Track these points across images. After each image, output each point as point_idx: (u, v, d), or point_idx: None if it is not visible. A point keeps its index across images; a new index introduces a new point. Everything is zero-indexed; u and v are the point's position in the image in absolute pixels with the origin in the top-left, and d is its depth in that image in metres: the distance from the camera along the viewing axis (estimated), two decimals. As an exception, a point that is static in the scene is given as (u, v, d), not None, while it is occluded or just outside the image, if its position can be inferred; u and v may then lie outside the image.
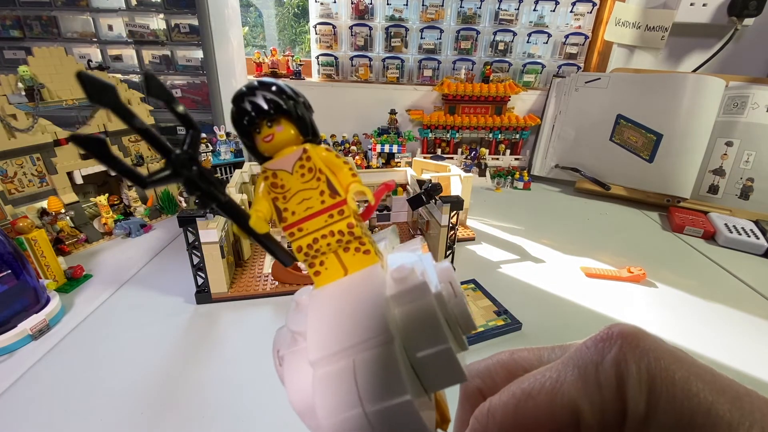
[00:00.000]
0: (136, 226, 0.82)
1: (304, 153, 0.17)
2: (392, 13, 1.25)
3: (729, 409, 0.10)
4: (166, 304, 0.61)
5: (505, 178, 1.22)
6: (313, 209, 0.17)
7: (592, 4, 1.23)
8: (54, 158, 0.75)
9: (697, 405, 0.11)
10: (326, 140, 1.30)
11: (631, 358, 0.12)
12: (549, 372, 0.13)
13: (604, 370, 0.12)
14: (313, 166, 0.17)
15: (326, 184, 0.17)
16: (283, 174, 0.17)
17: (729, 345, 0.57)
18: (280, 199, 0.17)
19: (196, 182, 0.14)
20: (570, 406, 0.12)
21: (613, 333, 0.13)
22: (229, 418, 0.43)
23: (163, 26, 1.08)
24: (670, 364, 0.12)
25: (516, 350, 0.16)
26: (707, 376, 0.11)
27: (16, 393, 0.45)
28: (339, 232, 0.16)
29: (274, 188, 0.17)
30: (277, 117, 0.17)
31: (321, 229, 0.17)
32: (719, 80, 1.00)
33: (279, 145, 0.17)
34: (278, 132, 0.17)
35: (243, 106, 0.16)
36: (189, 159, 0.14)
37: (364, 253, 0.17)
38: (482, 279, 0.68)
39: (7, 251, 0.52)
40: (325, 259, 0.17)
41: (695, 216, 0.98)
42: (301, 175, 0.17)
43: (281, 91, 0.17)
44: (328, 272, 0.17)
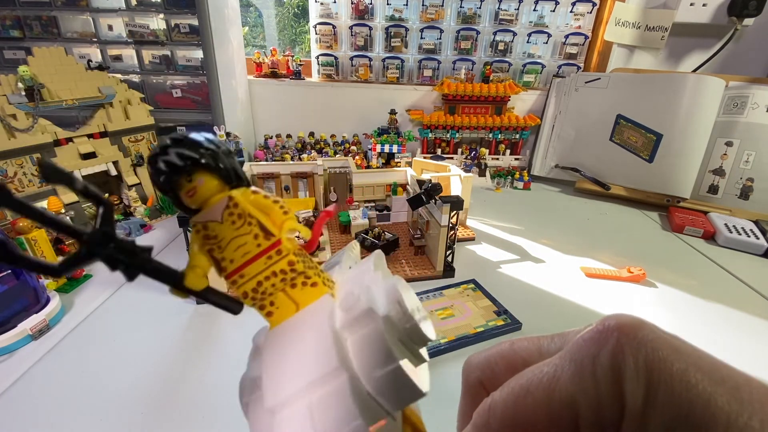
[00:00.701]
0: (136, 226, 0.82)
1: (230, 200, 0.17)
2: (392, 13, 1.25)
3: (728, 401, 0.10)
4: (166, 304, 0.61)
5: (505, 178, 1.22)
6: (250, 254, 0.16)
7: (592, 4, 1.23)
8: (54, 158, 0.75)
9: (695, 396, 0.11)
10: (326, 140, 1.30)
11: (628, 351, 0.12)
12: (547, 367, 0.13)
13: (600, 364, 0.12)
14: (242, 212, 0.17)
15: (258, 226, 0.16)
16: (213, 225, 0.17)
17: (729, 345, 0.57)
18: (216, 249, 0.17)
19: (116, 258, 0.14)
20: (567, 402, 0.12)
21: (610, 325, 0.13)
22: (228, 417, 0.43)
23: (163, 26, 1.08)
24: (668, 355, 0.12)
25: (516, 340, 0.16)
26: (706, 366, 0.11)
27: (16, 393, 0.45)
28: (281, 272, 0.16)
29: (208, 240, 0.17)
30: (195, 171, 0.16)
31: (263, 271, 0.17)
32: (719, 80, 1.00)
33: (203, 197, 0.17)
34: (200, 185, 0.17)
35: (158, 167, 0.16)
36: (104, 237, 0.13)
37: (312, 285, 0.17)
38: (482, 279, 0.68)
39: (7, 251, 0.52)
40: (274, 299, 0.17)
41: (695, 216, 0.98)
42: (231, 222, 0.17)
43: (196, 144, 0.16)
44: (280, 311, 0.17)
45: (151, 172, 0.17)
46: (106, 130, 0.83)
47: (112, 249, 0.14)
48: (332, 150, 1.25)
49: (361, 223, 0.82)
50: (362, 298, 0.15)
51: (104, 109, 0.83)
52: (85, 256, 0.13)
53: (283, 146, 1.26)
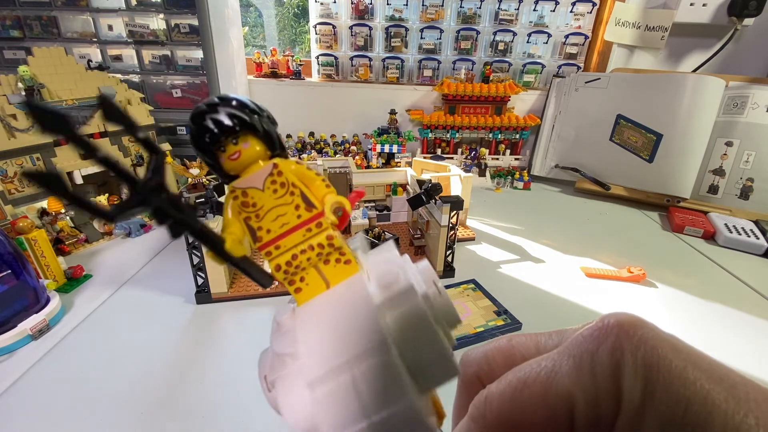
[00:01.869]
0: (136, 226, 0.82)
1: (275, 168, 0.16)
2: (392, 13, 1.25)
3: (725, 399, 0.11)
4: (166, 304, 0.61)
5: (505, 178, 1.22)
6: (289, 225, 0.16)
7: (592, 4, 1.23)
8: (54, 158, 0.75)
9: (693, 394, 0.11)
10: (326, 140, 1.30)
11: (627, 348, 0.12)
12: (545, 361, 0.13)
13: (599, 360, 0.12)
14: (285, 181, 0.16)
15: (301, 197, 0.16)
16: (253, 192, 0.16)
17: (729, 345, 0.57)
18: (253, 218, 0.16)
19: (165, 211, 0.13)
20: (564, 396, 0.12)
21: (610, 322, 0.13)
22: (229, 417, 0.43)
23: (163, 26, 1.08)
24: (667, 352, 0.12)
25: (514, 336, 0.16)
26: (704, 365, 0.11)
27: (16, 393, 0.45)
28: (319, 245, 0.16)
29: (245, 207, 0.16)
30: (242, 133, 0.16)
31: (300, 244, 0.16)
32: (719, 80, 1.00)
33: (246, 162, 0.16)
34: (245, 149, 0.16)
35: (205, 124, 0.15)
36: (157, 186, 0.13)
37: (345, 263, 0.16)
38: (482, 279, 0.68)
39: (7, 251, 0.52)
40: (305, 274, 0.16)
41: (695, 216, 0.98)
42: (273, 191, 0.16)
43: (244, 105, 0.16)
44: (310, 287, 0.16)
45: (194, 129, 0.16)
46: (106, 130, 0.83)
47: (164, 201, 0.13)
48: (332, 150, 1.25)
49: (361, 223, 0.82)
50: (401, 275, 0.15)
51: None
52: (138, 203, 0.13)
53: (283, 146, 1.26)
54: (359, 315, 0.14)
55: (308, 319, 0.15)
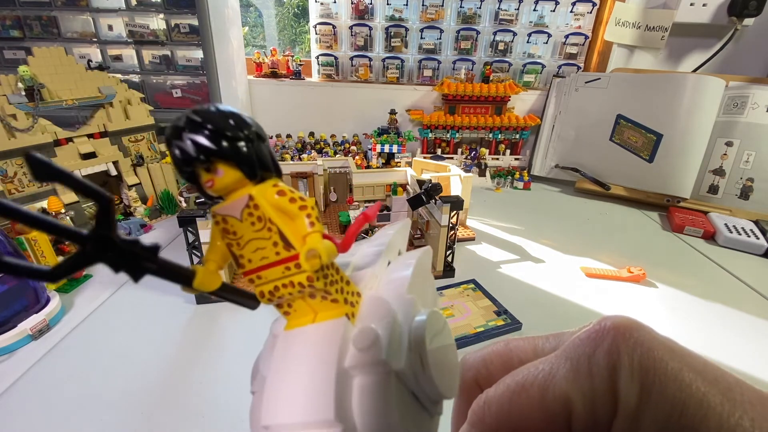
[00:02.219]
0: (136, 226, 0.82)
1: (250, 200, 0.15)
2: (392, 13, 1.25)
3: (720, 401, 0.11)
4: (166, 304, 0.61)
5: (505, 178, 1.22)
6: (268, 259, 0.15)
7: (592, 4, 1.23)
8: (54, 158, 0.75)
9: (689, 396, 0.11)
10: (326, 140, 1.30)
11: (624, 350, 0.12)
12: (542, 364, 0.13)
13: (596, 362, 0.12)
14: (261, 215, 0.15)
15: (278, 235, 0.15)
16: (233, 220, 0.15)
17: (729, 345, 0.57)
18: (234, 245, 0.15)
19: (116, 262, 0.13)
20: (562, 398, 0.12)
21: (606, 325, 0.13)
22: (229, 417, 0.43)
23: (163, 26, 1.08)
24: (662, 355, 0.12)
25: (511, 340, 0.16)
26: (699, 366, 0.12)
27: (16, 393, 0.45)
28: (299, 284, 0.15)
29: (227, 234, 0.15)
30: (211, 162, 0.14)
31: (280, 278, 0.15)
32: (719, 80, 1.00)
33: (222, 190, 0.15)
34: (217, 178, 0.15)
35: (173, 152, 0.14)
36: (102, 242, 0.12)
37: (332, 302, 0.15)
38: (482, 279, 0.68)
39: (7, 251, 0.52)
40: (292, 302, 0.16)
41: (695, 216, 0.98)
42: (251, 223, 0.15)
43: (214, 129, 0.14)
44: (297, 314, 0.16)
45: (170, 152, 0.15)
46: (106, 130, 0.83)
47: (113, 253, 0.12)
48: (332, 150, 1.25)
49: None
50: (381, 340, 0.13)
51: (104, 109, 0.83)
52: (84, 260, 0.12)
53: (283, 146, 1.26)
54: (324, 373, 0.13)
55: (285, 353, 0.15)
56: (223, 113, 0.14)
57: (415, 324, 0.15)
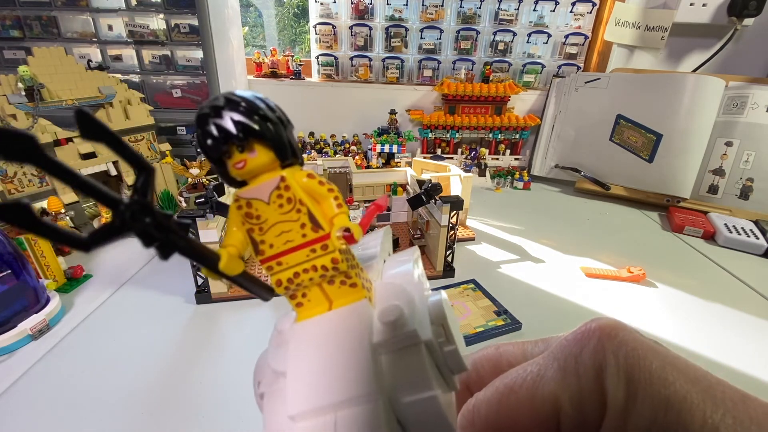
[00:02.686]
0: (136, 226, 0.82)
1: (282, 182, 0.15)
2: (392, 13, 1.25)
3: (703, 399, 0.11)
4: (166, 304, 0.61)
5: (505, 178, 1.22)
6: (293, 243, 0.15)
7: (592, 4, 1.23)
8: (54, 158, 0.75)
9: (673, 393, 0.11)
10: (326, 140, 1.30)
11: (609, 349, 0.12)
12: (531, 366, 0.14)
13: (582, 362, 0.13)
14: (292, 196, 0.15)
15: (308, 216, 0.15)
16: (258, 204, 0.15)
17: (729, 345, 0.57)
18: (256, 230, 0.15)
19: (151, 234, 0.12)
20: (550, 399, 0.13)
21: (592, 326, 0.13)
22: (229, 418, 0.43)
23: (163, 26, 1.08)
24: (646, 353, 0.12)
25: (501, 344, 0.17)
26: (682, 366, 0.12)
27: (16, 393, 0.45)
28: (322, 267, 0.15)
29: (249, 219, 0.15)
30: (248, 141, 0.14)
31: (302, 263, 0.15)
32: (719, 80, 1.00)
33: (253, 172, 0.15)
34: (251, 158, 0.15)
35: (208, 130, 0.14)
36: (141, 209, 0.12)
37: (351, 286, 0.15)
38: (482, 279, 0.68)
39: (7, 251, 0.52)
40: (307, 291, 0.16)
41: (695, 216, 0.98)
42: (279, 205, 0.15)
43: (252, 109, 0.14)
44: (311, 304, 0.16)
45: (200, 134, 0.15)
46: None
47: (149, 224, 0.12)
48: (332, 150, 1.25)
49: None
50: (405, 313, 0.14)
51: (104, 109, 0.83)
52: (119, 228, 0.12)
53: (283, 146, 1.26)
54: (354, 352, 0.13)
55: (303, 341, 0.15)
56: (257, 96, 0.15)
57: (433, 300, 0.15)
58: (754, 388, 0.49)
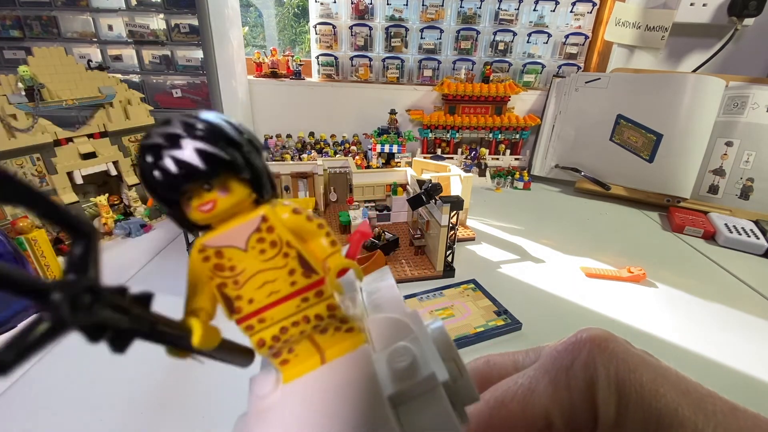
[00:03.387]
0: (136, 226, 0.82)
1: (263, 222, 0.12)
2: (392, 13, 1.25)
3: (694, 411, 0.11)
4: (166, 304, 0.61)
5: (505, 178, 1.22)
6: (279, 293, 0.13)
7: (592, 4, 1.23)
8: (54, 158, 0.75)
9: (664, 406, 0.11)
10: (326, 140, 1.30)
11: (600, 362, 0.12)
12: (521, 379, 0.14)
13: (573, 375, 0.12)
14: (277, 239, 0.12)
15: (297, 260, 0.12)
16: (232, 252, 0.12)
17: (729, 345, 0.57)
18: (230, 284, 0.13)
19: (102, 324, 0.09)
20: (541, 413, 0.12)
21: (582, 337, 0.13)
22: (229, 418, 0.43)
23: (163, 26, 1.08)
24: (637, 366, 0.12)
25: (491, 356, 0.16)
26: (673, 378, 0.12)
27: (15, 394, 0.45)
28: (316, 317, 0.13)
29: (220, 271, 0.12)
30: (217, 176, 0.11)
31: (292, 315, 0.13)
32: (719, 80, 1.00)
33: (223, 214, 0.12)
34: (222, 198, 0.12)
35: (163, 165, 0.11)
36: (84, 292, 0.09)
37: (347, 331, 0.13)
38: (482, 279, 0.68)
39: (7, 251, 0.52)
40: (295, 346, 0.13)
41: (695, 216, 0.98)
42: (260, 251, 0.12)
43: (218, 134, 0.11)
44: (299, 359, 0.13)
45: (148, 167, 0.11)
46: (106, 130, 0.83)
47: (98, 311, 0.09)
48: (332, 150, 1.25)
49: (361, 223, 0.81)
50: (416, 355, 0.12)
51: (104, 109, 0.83)
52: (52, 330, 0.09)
53: (283, 146, 1.26)
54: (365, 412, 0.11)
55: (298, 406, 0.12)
56: (220, 118, 0.12)
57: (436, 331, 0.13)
58: (754, 388, 0.49)
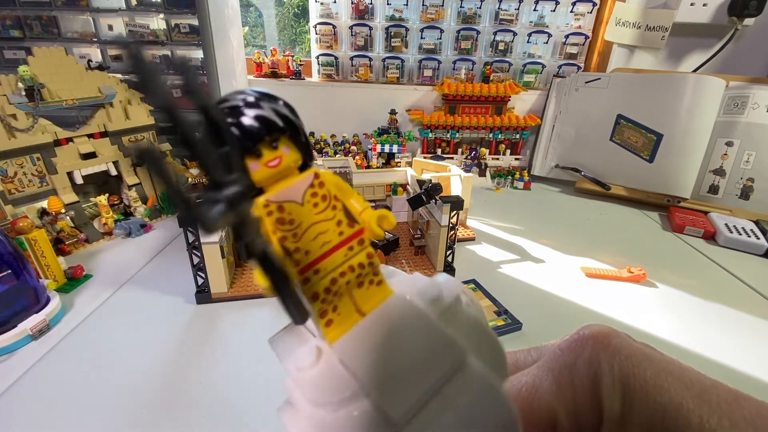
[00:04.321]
0: (137, 226, 0.82)
1: (316, 178, 0.14)
2: (392, 13, 1.25)
3: (698, 404, 0.11)
4: (166, 304, 0.61)
5: (505, 178, 1.22)
6: (330, 243, 0.14)
7: (592, 4, 1.23)
8: (54, 158, 0.75)
9: (669, 400, 0.11)
10: (326, 140, 1.30)
11: (604, 358, 0.12)
12: (525, 377, 0.14)
13: (577, 372, 0.12)
14: (327, 193, 0.14)
15: (343, 211, 0.14)
16: (291, 206, 0.14)
17: (729, 345, 0.57)
18: (290, 238, 0.14)
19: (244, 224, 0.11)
20: (546, 411, 0.12)
21: (585, 334, 0.13)
22: (228, 418, 0.43)
23: (163, 26, 1.08)
24: (641, 361, 0.12)
25: None
26: (676, 371, 0.12)
27: (16, 393, 0.45)
28: (359, 266, 0.14)
29: (281, 225, 0.13)
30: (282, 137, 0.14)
31: (340, 265, 0.14)
32: (719, 80, 1.00)
33: (285, 170, 0.14)
34: (286, 154, 0.14)
35: (243, 122, 0.13)
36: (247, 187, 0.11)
37: (377, 284, 0.15)
38: (482, 279, 0.68)
39: (7, 251, 0.52)
40: (338, 302, 0.14)
41: (695, 216, 0.98)
42: (314, 204, 0.14)
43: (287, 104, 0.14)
44: (341, 318, 0.14)
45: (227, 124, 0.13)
46: (107, 130, 0.83)
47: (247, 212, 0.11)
48: (332, 150, 1.25)
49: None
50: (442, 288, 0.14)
51: (104, 109, 0.83)
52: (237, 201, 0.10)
53: (283, 146, 1.26)
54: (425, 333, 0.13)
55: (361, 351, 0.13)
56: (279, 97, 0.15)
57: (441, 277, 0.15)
58: (754, 388, 0.49)
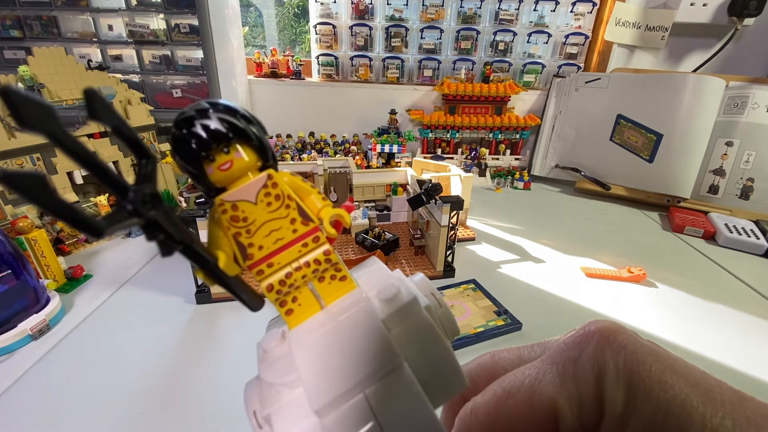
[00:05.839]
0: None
1: (269, 179, 0.15)
2: (392, 13, 1.25)
3: (702, 402, 0.11)
4: (166, 304, 0.61)
5: (505, 178, 1.22)
6: (284, 240, 0.15)
7: (592, 4, 1.23)
8: (54, 158, 0.75)
9: (672, 397, 0.11)
10: (326, 140, 1.30)
11: (609, 354, 0.12)
12: (529, 370, 0.14)
13: (581, 366, 0.12)
14: (280, 193, 0.15)
15: (297, 210, 0.15)
16: (245, 205, 0.15)
17: (729, 345, 0.57)
18: (243, 233, 0.15)
19: (159, 224, 0.12)
20: (548, 403, 0.12)
21: (591, 329, 0.13)
22: (228, 418, 0.43)
23: (163, 26, 1.08)
24: (645, 357, 0.12)
25: (496, 351, 0.16)
26: (681, 369, 0.12)
27: (16, 393, 0.45)
28: (315, 261, 0.15)
29: (235, 222, 0.15)
30: (234, 141, 0.15)
31: (295, 260, 0.15)
32: (719, 80, 1.00)
33: (237, 173, 0.15)
34: (237, 158, 0.15)
35: (194, 131, 0.14)
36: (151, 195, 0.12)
37: (341, 279, 0.16)
38: (482, 279, 0.68)
39: (7, 251, 0.52)
40: (298, 294, 0.16)
41: (695, 216, 0.98)
42: (267, 204, 0.15)
43: (235, 111, 0.15)
44: (302, 308, 0.15)
45: (179, 135, 0.14)
46: (106, 130, 0.83)
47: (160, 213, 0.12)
48: (332, 150, 1.25)
49: (361, 223, 0.82)
50: (401, 288, 0.14)
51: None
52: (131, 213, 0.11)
53: (283, 146, 1.26)
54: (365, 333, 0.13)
55: (306, 342, 0.14)
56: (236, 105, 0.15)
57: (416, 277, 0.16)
58: (754, 388, 0.49)
